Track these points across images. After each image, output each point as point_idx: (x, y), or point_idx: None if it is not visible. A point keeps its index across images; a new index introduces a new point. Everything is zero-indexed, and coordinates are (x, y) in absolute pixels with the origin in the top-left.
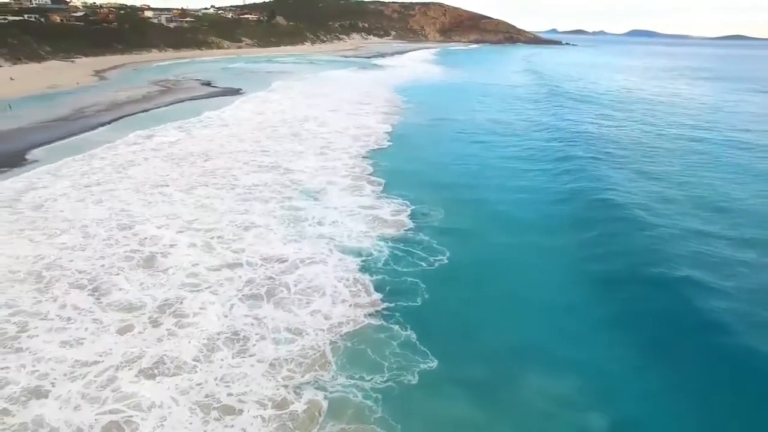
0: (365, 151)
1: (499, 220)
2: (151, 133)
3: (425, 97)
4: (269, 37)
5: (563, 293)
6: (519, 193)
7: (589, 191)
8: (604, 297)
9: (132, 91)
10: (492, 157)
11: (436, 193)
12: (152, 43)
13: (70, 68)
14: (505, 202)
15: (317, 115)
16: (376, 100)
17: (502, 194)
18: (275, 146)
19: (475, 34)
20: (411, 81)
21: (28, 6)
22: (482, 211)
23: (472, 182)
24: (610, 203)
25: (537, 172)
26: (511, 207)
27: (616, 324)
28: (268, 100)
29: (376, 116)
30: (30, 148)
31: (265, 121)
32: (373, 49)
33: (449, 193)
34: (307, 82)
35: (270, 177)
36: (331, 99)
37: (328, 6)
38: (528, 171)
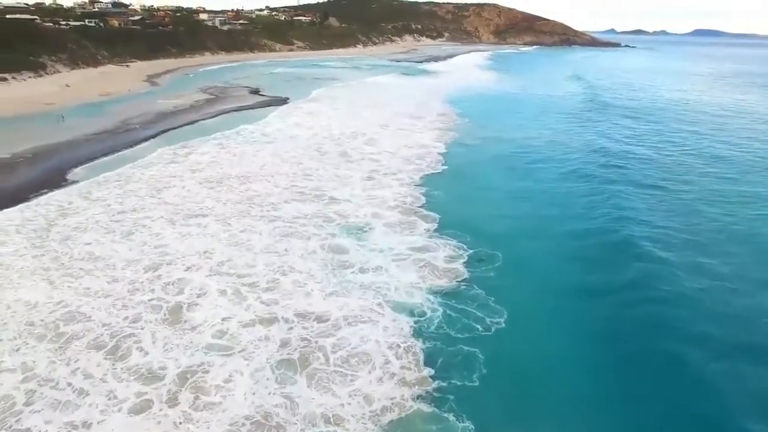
0: (418, 177)
1: (562, 270)
2: (191, 148)
3: (479, 110)
4: (321, 40)
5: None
6: (584, 239)
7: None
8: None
9: (180, 99)
10: (552, 188)
11: (493, 233)
12: (205, 46)
13: (124, 73)
14: (567, 247)
15: (366, 130)
16: (429, 114)
17: (564, 236)
18: (319, 168)
19: (530, 36)
20: (464, 90)
21: (91, 10)
22: (543, 258)
23: (531, 219)
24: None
25: (604, 209)
26: (576, 253)
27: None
28: (314, 112)
29: (430, 133)
30: (72, 166)
31: (310, 137)
32: (425, 53)
33: (506, 232)
34: (355, 90)
35: (312, 208)
36: (381, 111)
37: (382, 7)
38: (593, 207)
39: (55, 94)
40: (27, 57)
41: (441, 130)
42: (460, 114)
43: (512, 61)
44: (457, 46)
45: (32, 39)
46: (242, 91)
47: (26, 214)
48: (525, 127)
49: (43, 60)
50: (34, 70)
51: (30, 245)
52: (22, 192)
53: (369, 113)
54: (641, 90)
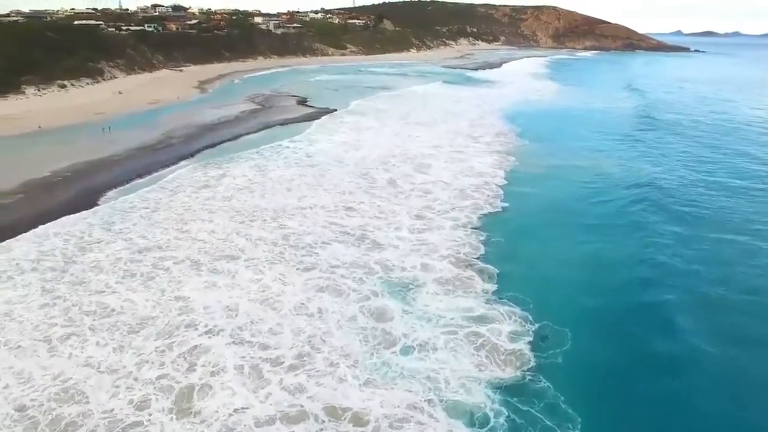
0: (475, 217)
1: (645, 358)
2: (226, 169)
3: (539, 130)
4: (374, 44)
5: None
6: (666, 310)
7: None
8: None
9: (225, 110)
10: (623, 238)
11: (560, 298)
12: (258, 50)
13: (176, 79)
14: (648, 323)
15: (417, 151)
16: (486, 132)
17: (642, 309)
18: (364, 201)
19: (590, 40)
20: (521, 104)
21: (152, 14)
22: (619, 340)
23: (600, 281)
24: None
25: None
26: (658, 332)
27: None
28: (361, 127)
29: (488, 158)
30: (103, 188)
31: (356, 160)
32: (479, 58)
33: (574, 297)
34: (406, 101)
35: (353, 254)
36: (434, 128)
37: (437, 9)
38: (686, 269)
39: (106, 103)
40: (86, 63)
41: (500, 154)
42: (519, 134)
43: (571, 68)
44: (512, 50)
45: (93, 45)
46: (289, 100)
47: (45, 246)
48: (591, 153)
49: (101, 66)
50: (92, 77)
51: (40, 289)
52: (50, 215)
53: (421, 131)
54: (718, 106)
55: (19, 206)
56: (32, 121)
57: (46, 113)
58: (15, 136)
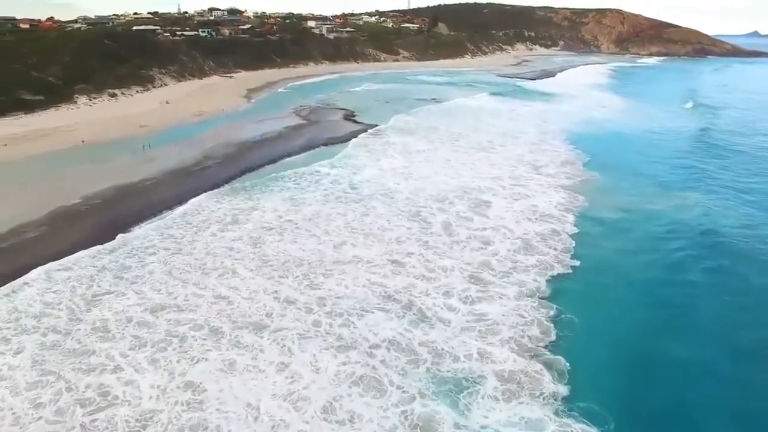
0: (543, 281)
1: None
2: (257, 201)
3: (609, 157)
4: (428, 50)
5: None
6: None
7: None
8: None
9: (269, 124)
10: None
11: (650, 411)
12: (310, 56)
13: (225, 87)
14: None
15: (474, 184)
16: (550, 161)
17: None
18: (412, 253)
19: (657, 45)
20: (586, 123)
21: (208, 19)
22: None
23: (708, 390)
24: None
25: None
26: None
27: None
28: (410, 150)
29: (554, 194)
30: (130, 220)
31: (406, 194)
32: (537, 66)
33: (665, 413)
34: (460, 117)
35: (395, 328)
36: (492, 153)
37: (493, 12)
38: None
39: (152, 114)
40: (138, 70)
41: (567, 191)
42: (586, 164)
43: (636, 78)
44: (572, 56)
45: (146, 52)
46: (335, 114)
47: (52, 294)
48: (668, 191)
49: (153, 73)
50: (142, 85)
51: (33, 361)
52: (68, 249)
53: (477, 156)
54: None
55: (40, 240)
56: (77, 134)
57: (92, 126)
58: (58, 152)
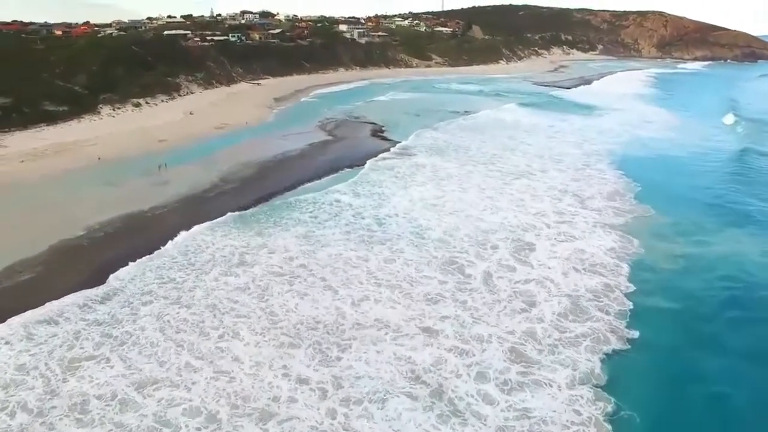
0: (597, 360)
1: None
2: (268, 238)
3: (663, 187)
4: (461, 55)
5: None
6: None
7: None
8: None
9: (293, 140)
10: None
11: None
12: (340, 61)
13: (252, 94)
14: None
15: (515, 221)
16: (596, 192)
17: None
18: (446, 317)
19: (702, 49)
20: (633, 143)
21: (240, 22)
22: None
23: None
24: None
25: None
26: None
27: None
28: (441, 174)
29: (604, 236)
30: (129, 256)
31: (439, 233)
32: (575, 72)
33: None
34: (493, 134)
35: (420, 424)
36: (530, 181)
37: (529, 15)
38: None
39: (173, 126)
40: (164, 78)
41: (618, 232)
42: (637, 195)
43: (681, 86)
44: (611, 61)
45: (173, 59)
46: (363, 129)
47: (29, 356)
48: (735, 234)
49: (179, 81)
50: (168, 93)
51: None
52: (58, 291)
53: (516, 186)
54: None
55: (31, 282)
56: (95, 150)
57: (111, 140)
58: (72, 171)
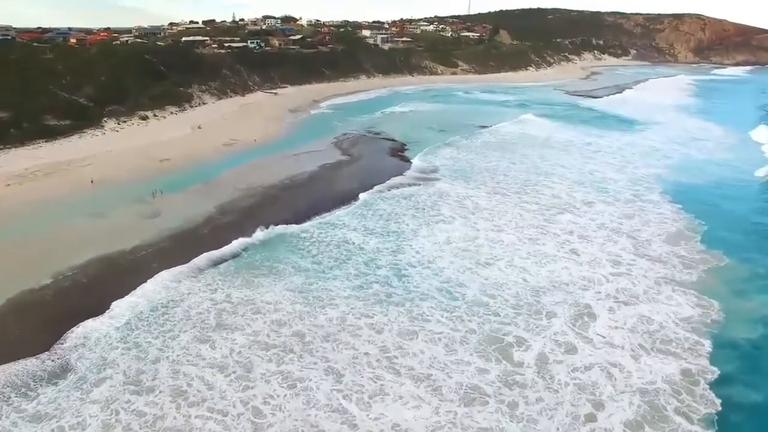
0: None
1: None
2: (258, 290)
3: (733, 221)
4: (488, 61)
5: None
6: None
7: None
8: None
9: (304, 160)
10: None
11: None
12: (362, 68)
13: (267, 105)
14: None
15: (564, 276)
16: (653, 234)
17: None
18: (485, 430)
19: (744, 53)
20: (686, 165)
21: (260, 28)
22: None
23: None
24: None
25: None
26: None
27: None
28: (469, 206)
29: (673, 296)
30: (88, 315)
31: (473, 294)
32: (608, 79)
33: None
34: (524, 153)
35: None
36: (574, 215)
37: (558, 19)
38: None
39: (178, 143)
40: (176, 88)
41: (691, 291)
42: (704, 236)
43: (727, 94)
44: (644, 66)
45: (188, 67)
46: (381, 146)
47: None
48: None
49: (191, 91)
50: (178, 104)
51: None
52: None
53: (560, 222)
54: None
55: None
56: (90, 171)
57: (109, 160)
58: (58, 198)
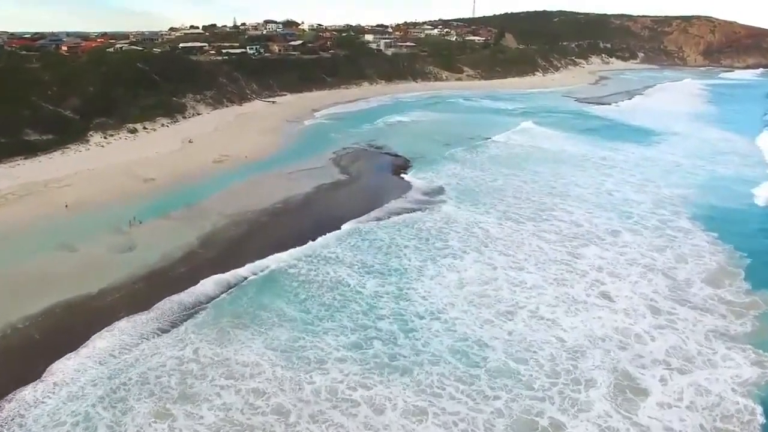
0: None
1: None
2: (228, 345)
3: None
4: (494, 66)
5: None
6: None
7: None
8: None
9: (299, 179)
10: None
11: None
12: (364, 74)
13: (263, 115)
14: None
15: (598, 329)
16: (693, 270)
17: None
18: None
19: (755, 56)
20: (710, 181)
21: (261, 33)
22: None
23: None
24: None
25: None
26: None
27: None
28: (478, 234)
29: (722, 355)
30: (31, 379)
31: (497, 355)
32: (618, 85)
33: None
34: (534, 170)
35: None
36: (600, 248)
37: (564, 22)
38: None
39: (166, 160)
40: (169, 98)
41: (744, 347)
42: (748, 271)
43: (743, 101)
44: (654, 69)
45: (182, 76)
46: (383, 163)
47: None
48: None
49: (186, 100)
50: (170, 116)
51: None
52: None
53: (585, 256)
54: None
55: None
56: (67, 193)
57: (90, 180)
58: (27, 226)
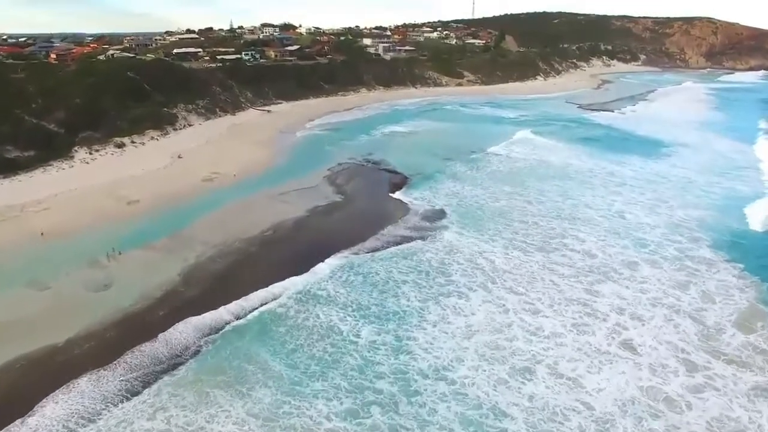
0: None
1: None
2: (213, 408)
3: None
4: (495, 71)
5: None
6: None
7: None
8: None
9: (290, 201)
10: None
11: None
12: (362, 80)
13: (257, 126)
14: None
15: (620, 390)
16: (721, 311)
17: None
18: None
19: (758, 58)
20: (729, 202)
21: (257, 37)
22: None
23: None
24: None
25: None
26: None
27: None
28: (483, 266)
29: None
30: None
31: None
32: (621, 89)
33: None
34: (540, 189)
35: None
36: (618, 286)
37: (564, 23)
38: None
39: (152, 178)
40: (160, 109)
41: None
42: None
43: (754, 108)
44: (656, 72)
45: (174, 85)
46: (381, 181)
47: None
48: None
49: (177, 111)
50: (160, 128)
51: None
52: None
53: (603, 298)
54: None
55: None
56: (45, 217)
57: (71, 202)
58: None
